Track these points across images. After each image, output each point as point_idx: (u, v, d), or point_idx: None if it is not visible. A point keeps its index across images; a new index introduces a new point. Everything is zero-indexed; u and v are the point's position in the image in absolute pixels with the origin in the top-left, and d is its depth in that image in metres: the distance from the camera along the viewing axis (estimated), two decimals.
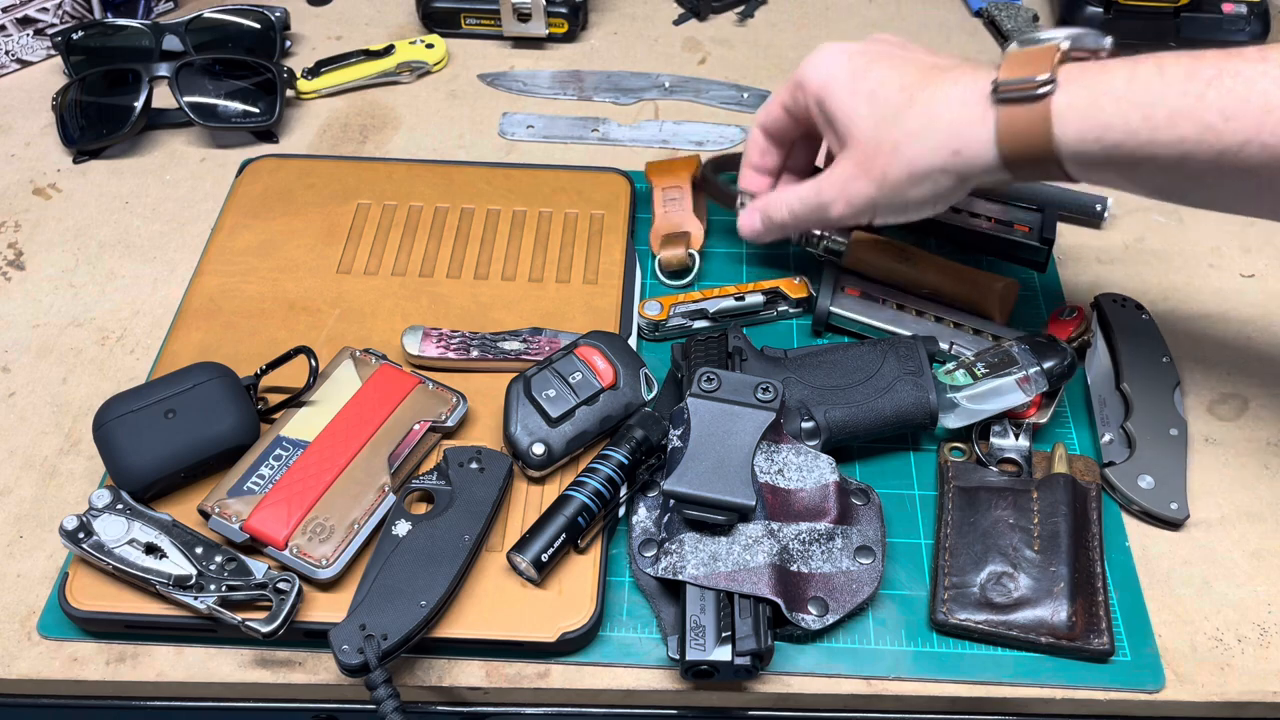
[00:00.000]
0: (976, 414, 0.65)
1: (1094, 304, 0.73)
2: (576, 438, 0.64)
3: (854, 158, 0.63)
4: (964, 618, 0.59)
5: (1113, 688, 0.58)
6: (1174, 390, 0.68)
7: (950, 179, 0.61)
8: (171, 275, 0.78)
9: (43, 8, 0.94)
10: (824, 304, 0.72)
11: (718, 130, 0.89)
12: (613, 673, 0.59)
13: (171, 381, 0.64)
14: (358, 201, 0.80)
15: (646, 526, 0.62)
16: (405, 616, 0.55)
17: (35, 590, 0.62)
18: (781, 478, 0.61)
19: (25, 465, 0.67)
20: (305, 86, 0.92)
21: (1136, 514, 0.65)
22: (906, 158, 0.60)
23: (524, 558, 0.59)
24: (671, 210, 0.79)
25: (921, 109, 0.60)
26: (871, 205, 0.63)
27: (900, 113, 0.60)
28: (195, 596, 0.57)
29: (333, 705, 0.60)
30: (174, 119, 0.89)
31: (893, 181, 0.61)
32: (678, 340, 0.73)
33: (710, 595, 0.57)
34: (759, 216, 0.70)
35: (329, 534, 0.60)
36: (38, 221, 0.83)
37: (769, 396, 0.61)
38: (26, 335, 0.74)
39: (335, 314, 0.73)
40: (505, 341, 0.70)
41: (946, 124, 0.59)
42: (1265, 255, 0.80)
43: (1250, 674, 0.59)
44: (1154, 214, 0.83)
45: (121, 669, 0.59)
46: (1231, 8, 0.95)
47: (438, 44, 0.96)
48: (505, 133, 0.90)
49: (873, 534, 0.61)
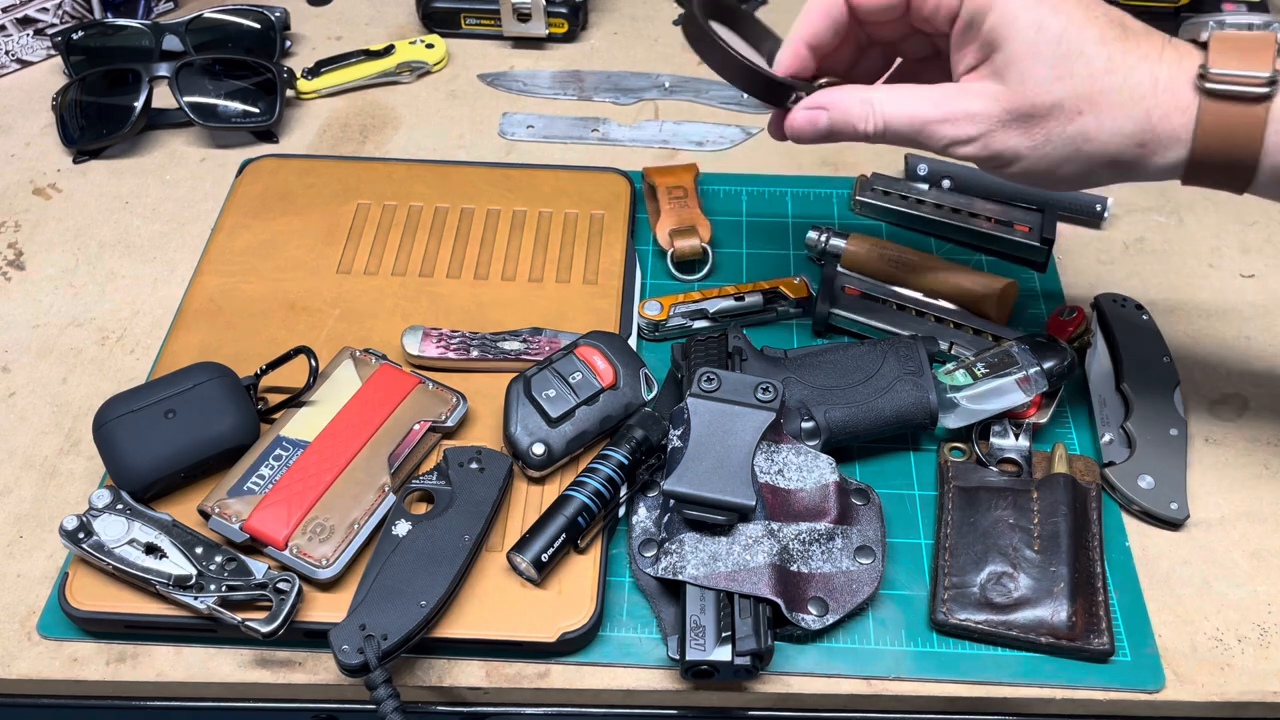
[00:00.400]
0: (976, 414, 0.65)
1: (1094, 304, 0.73)
2: (576, 438, 0.64)
3: (1013, 101, 0.51)
4: (964, 618, 0.59)
5: (1113, 688, 0.58)
6: (1174, 390, 0.68)
7: (1113, 175, 0.52)
8: (171, 275, 0.78)
9: (43, 8, 0.94)
10: (824, 304, 0.72)
11: (718, 130, 0.89)
12: (613, 673, 0.59)
13: (171, 381, 0.64)
14: (358, 201, 0.80)
15: (646, 526, 0.62)
16: (405, 616, 0.55)
17: (35, 590, 0.62)
18: (781, 478, 0.61)
19: (25, 465, 0.67)
20: (305, 86, 0.92)
21: (1136, 514, 0.65)
22: (1086, 132, 0.50)
23: (524, 558, 0.59)
24: (677, 206, 0.79)
25: (1119, 79, 0.50)
26: (1013, 159, 0.53)
27: (1095, 76, 0.50)
28: (195, 596, 0.57)
29: (333, 705, 0.60)
30: (174, 119, 0.89)
31: (1054, 151, 0.51)
32: (678, 340, 0.73)
33: (710, 595, 0.57)
34: (826, 118, 0.57)
35: (329, 534, 0.60)
36: (38, 221, 0.83)
37: (769, 396, 0.61)
38: (26, 335, 0.74)
39: (335, 314, 0.73)
40: (505, 341, 0.70)
41: (1144, 110, 0.50)
42: (1265, 255, 0.80)
43: (1250, 674, 0.59)
44: (1154, 214, 0.83)
45: (121, 669, 0.59)
46: (1232, 6, 0.95)
47: (438, 44, 0.96)
48: (505, 133, 0.90)
49: (873, 534, 0.61)
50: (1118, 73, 0.49)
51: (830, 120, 0.57)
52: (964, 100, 0.53)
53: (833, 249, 0.77)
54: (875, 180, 0.82)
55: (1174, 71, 0.50)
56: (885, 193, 0.81)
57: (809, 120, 0.57)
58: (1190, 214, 0.83)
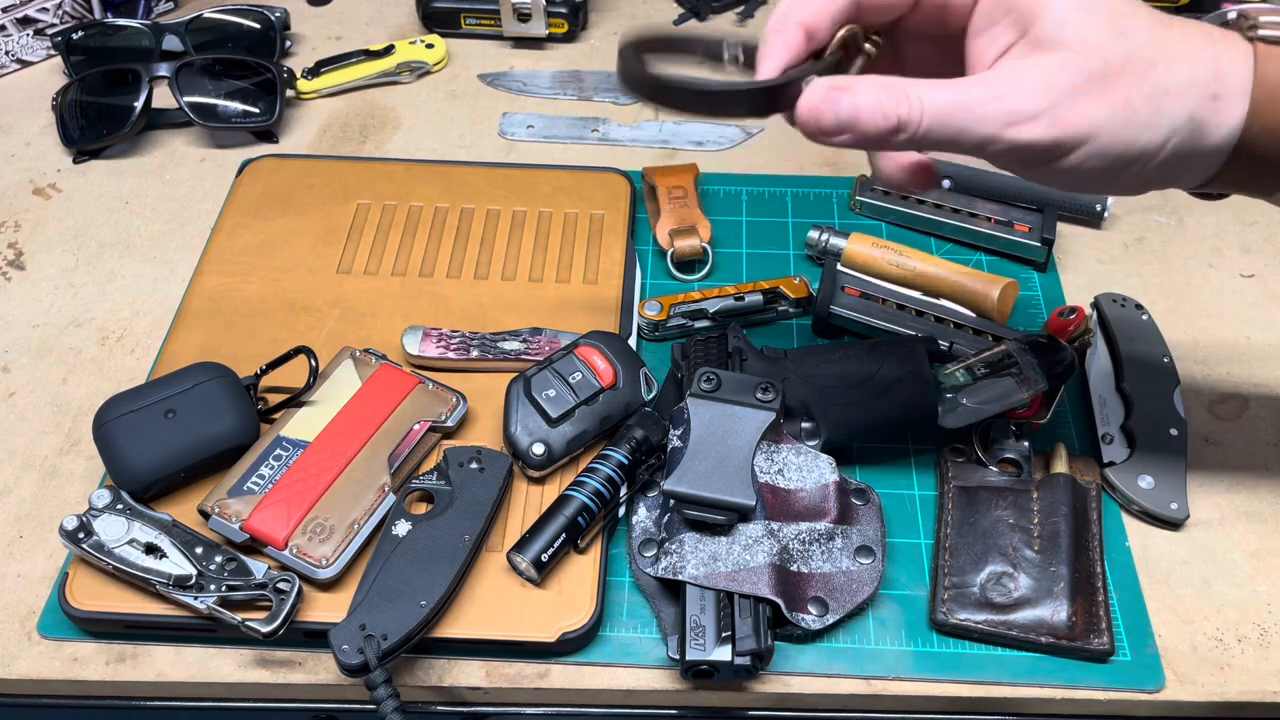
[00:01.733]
0: (976, 414, 0.65)
1: (1094, 304, 0.73)
2: (576, 438, 0.64)
3: (1081, 63, 0.45)
4: (964, 618, 0.59)
5: (1113, 688, 0.58)
6: (1174, 390, 0.68)
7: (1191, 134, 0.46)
8: (171, 275, 0.78)
9: (43, 8, 0.94)
10: (824, 304, 0.72)
11: (717, 130, 0.89)
12: (613, 673, 0.59)
13: (171, 381, 0.64)
14: (358, 201, 0.80)
15: (646, 526, 0.62)
16: (405, 616, 0.55)
17: (35, 590, 0.62)
18: (781, 478, 0.61)
19: (25, 465, 0.67)
20: (305, 86, 0.92)
21: (1136, 514, 0.65)
22: (1163, 85, 0.45)
23: (524, 558, 0.59)
24: (677, 206, 0.79)
25: (1178, 31, 0.46)
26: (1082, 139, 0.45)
27: (1155, 29, 0.46)
28: (195, 596, 0.57)
29: (333, 705, 0.60)
30: (174, 119, 0.89)
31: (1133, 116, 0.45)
32: (678, 340, 0.73)
33: (710, 595, 0.57)
34: (849, 103, 0.46)
35: (329, 534, 0.60)
36: (38, 221, 0.83)
37: (769, 396, 0.61)
38: (26, 335, 0.74)
39: (335, 314, 0.73)
40: (505, 341, 0.70)
41: (1213, 54, 0.45)
42: (1265, 255, 0.80)
43: (1250, 674, 0.59)
44: (1154, 214, 0.83)
45: (121, 669, 0.59)
46: (1230, 5, 0.95)
47: (438, 44, 0.96)
48: (505, 133, 0.90)
49: (873, 534, 0.61)
50: (1174, 25, 0.46)
51: (855, 106, 0.46)
52: (1016, 77, 0.46)
53: (833, 249, 0.77)
54: (875, 180, 0.82)
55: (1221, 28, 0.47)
56: (885, 193, 0.81)
57: (829, 103, 0.46)
58: (1190, 214, 0.83)
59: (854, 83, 0.46)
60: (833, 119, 0.46)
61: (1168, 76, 0.45)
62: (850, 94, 0.46)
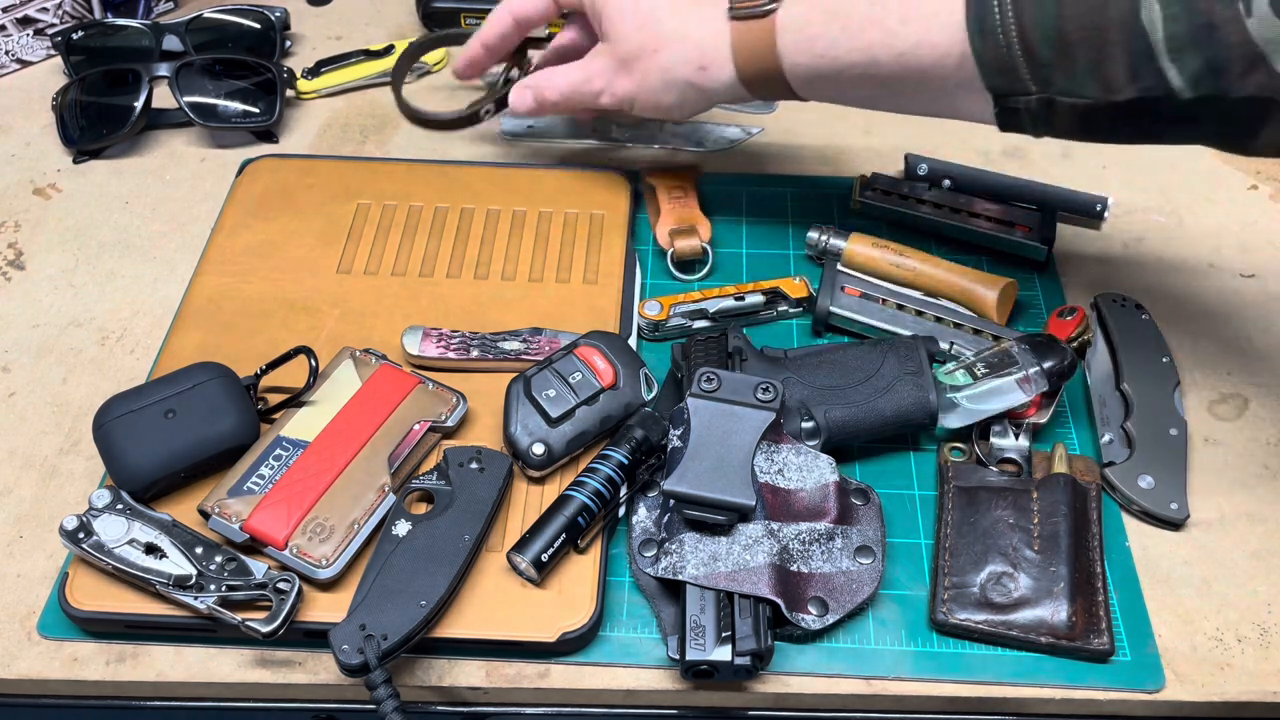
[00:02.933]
0: (976, 414, 0.65)
1: (1094, 304, 0.73)
2: (576, 438, 0.64)
3: (618, 54, 0.70)
4: (964, 618, 0.59)
5: (1112, 688, 0.58)
6: (1174, 390, 0.68)
7: (696, 93, 0.69)
8: (171, 275, 0.78)
9: (43, 8, 0.94)
10: (824, 304, 0.72)
11: (718, 130, 0.89)
12: (613, 673, 0.59)
13: (171, 381, 0.64)
14: (358, 201, 0.80)
15: (646, 526, 0.62)
16: (405, 616, 0.55)
17: (35, 590, 0.62)
18: (781, 478, 0.61)
19: (25, 465, 0.67)
20: (305, 86, 0.92)
21: (1136, 514, 0.65)
22: (662, 65, 0.68)
23: (524, 558, 0.59)
24: (677, 205, 0.79)
25: (679, 22, 0.68)
26: (631, 101, 0.72)
27: (661, 21, 0.68)
28: (195, 596, 0.57)
29: (333, 705, 0.60)
30: (174, 119, 0.89)
31: (650, 85, 0.70)
32: (678, 340, 0.73)
33: (710, 595, 0.57)
34: (531, 94, 0.77)
35: (329, 534, 0.60)
36: (38, 221, 0.83)
37: (769, 396, 0.61)
38: (26, 335, 0.74)
39: (335, 314, 0.73)
40: (505, 341, 0.70)
41: (696, 40, 0.67)
42: (1265, 255, 0.80)
43: (1250, 674, 0.59)
44: (1154, 214, 0.83)
45: (121, 669, 0.59)
46: None
47: None
48: (505, 133, 0.90)
49: (873, 534, 0.61)
50: (683, 14, 0.68)
51: (535, 96, 0.76)
52: (592, 62, 0.73)
53: (833, 249, 0.77)
54: (875, 180, 0.82)
55: (716, 10, 0.66)
56: (885, 193, 0.81)
57: (520, 99, 0.78)
58: (1190, 214, 0.83)
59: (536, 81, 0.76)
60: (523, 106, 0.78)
61: (668, 58, 0.68)
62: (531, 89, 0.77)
